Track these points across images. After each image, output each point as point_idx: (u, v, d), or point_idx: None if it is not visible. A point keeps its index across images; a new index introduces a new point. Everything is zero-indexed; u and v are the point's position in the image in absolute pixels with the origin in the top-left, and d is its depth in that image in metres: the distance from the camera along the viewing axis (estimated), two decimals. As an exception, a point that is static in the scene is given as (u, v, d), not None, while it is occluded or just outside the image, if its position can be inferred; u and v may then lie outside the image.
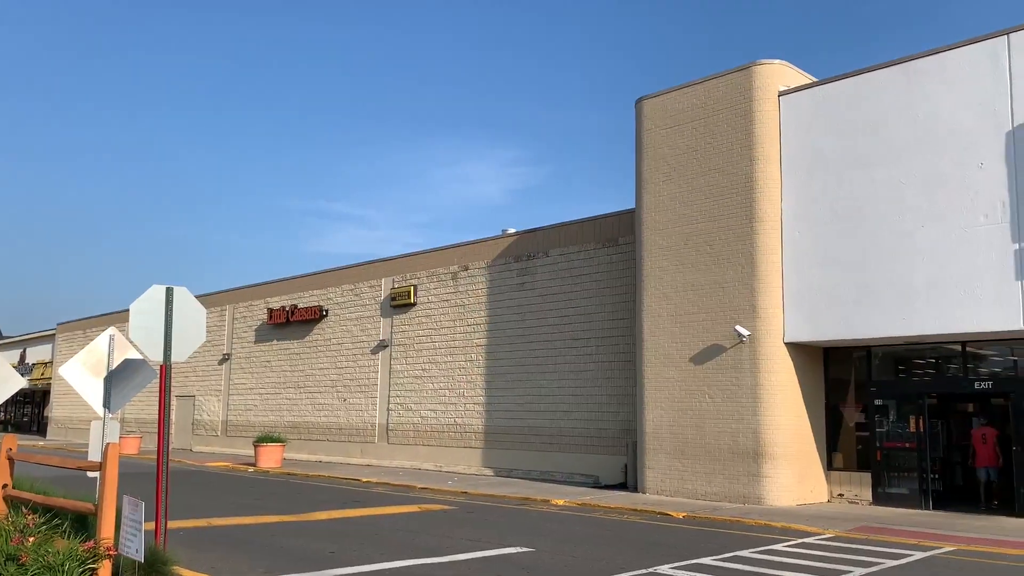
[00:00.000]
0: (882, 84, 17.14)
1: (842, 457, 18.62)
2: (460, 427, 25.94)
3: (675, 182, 19.67)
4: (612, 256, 22.67)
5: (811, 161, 17.99)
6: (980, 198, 15.58)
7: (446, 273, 27.33)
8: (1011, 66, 15.42)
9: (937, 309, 15.90)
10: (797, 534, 13.84)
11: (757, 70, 18.64)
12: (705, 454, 18.42)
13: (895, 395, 18.03)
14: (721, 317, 18.45)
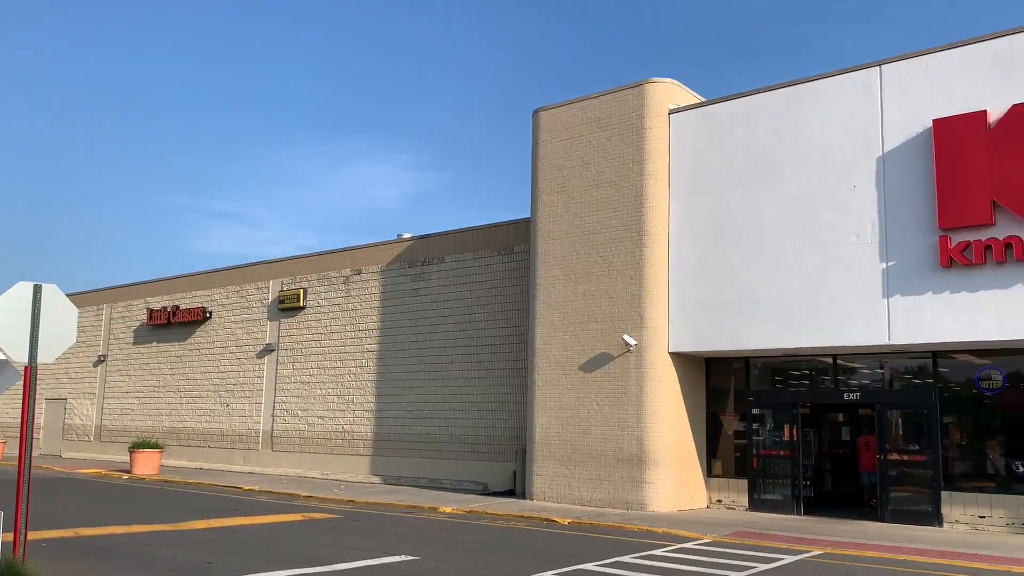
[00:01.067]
0: (765, 107, 17.91)
1: (721, 464, 19.30)
2: (348, 434, 25.52)
3: (569, 193, 19.99)
4: (507, 264, 22.82)
5: (698, 178, 18.61)
6: (853, 219, 16.46)
7: (338, 277, 26.87)
8: (883, 95, 16.39)
9: (812, 323, 16.68)
10: (677, 539, 14.24)
11: (649, 88, 19.17)
12: (592, 461, 18.74)
13: (771, 405, 18.82)
14: (610, 327, 18.83)
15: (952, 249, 15.08)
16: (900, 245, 15.80)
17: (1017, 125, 14.63)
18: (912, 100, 15.99)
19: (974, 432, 16.56)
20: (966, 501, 15.80)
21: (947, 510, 15.91)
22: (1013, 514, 15.28)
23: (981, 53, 15.41)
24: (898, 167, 16.00)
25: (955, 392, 16.63)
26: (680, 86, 19.56)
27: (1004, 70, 15.07)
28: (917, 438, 16.77)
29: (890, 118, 16.23)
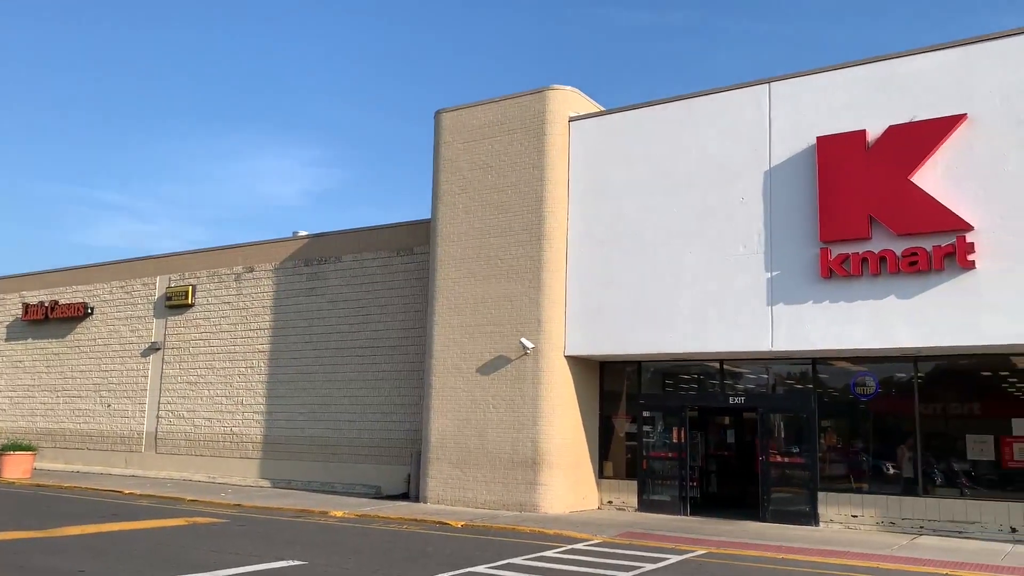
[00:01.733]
0: (661, 118, 18.39)
1: (612, 466, 19.67)
2: (237, 436, 24.77)
3: (470, 196, 20.01)
4: (407, 265, 22.64)
5: (596, 185, 18.94)
6: (741, 229, 17.08)
7: (229, 274, 26.07)
8: (771, 112, 17.08)
9: (701, 329, 17.21)
10: (568, 540, 14.42)
11: (550, 95, 19.40)
12: (487, 463, 18.79)
13: (661, 408, 19.32)
14: (508, 330, 18.94)
15: (832, 261, 15.83)
16: (784, 256, 16.48)
17: (893, 145, 15.50)
18: (798, 117, 16.72)
19: (849, 435, 17.44)
20: (840, 501, 16.60)
21: (823, 510, 16.68)
22: (883, 513, 16.15)
23: (863, 75, 16.25)
24: (784, 181, 16.70)
25: (833, 397, 17.46)
26: (580, 94, 19.88)
27: (883, 92, 15.93)
28: (797, 441, 17.53)
29: (778, 134, 16.93)
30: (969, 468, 15.97)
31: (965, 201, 14.83)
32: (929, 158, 15.15)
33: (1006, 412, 15.70)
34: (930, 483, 16.13)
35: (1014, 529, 14.96)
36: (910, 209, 15.15)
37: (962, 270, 14.68)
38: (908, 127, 15.43)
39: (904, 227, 15.18)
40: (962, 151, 15.01)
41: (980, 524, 15.27)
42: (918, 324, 15.03)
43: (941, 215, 14.86)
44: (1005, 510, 15.14)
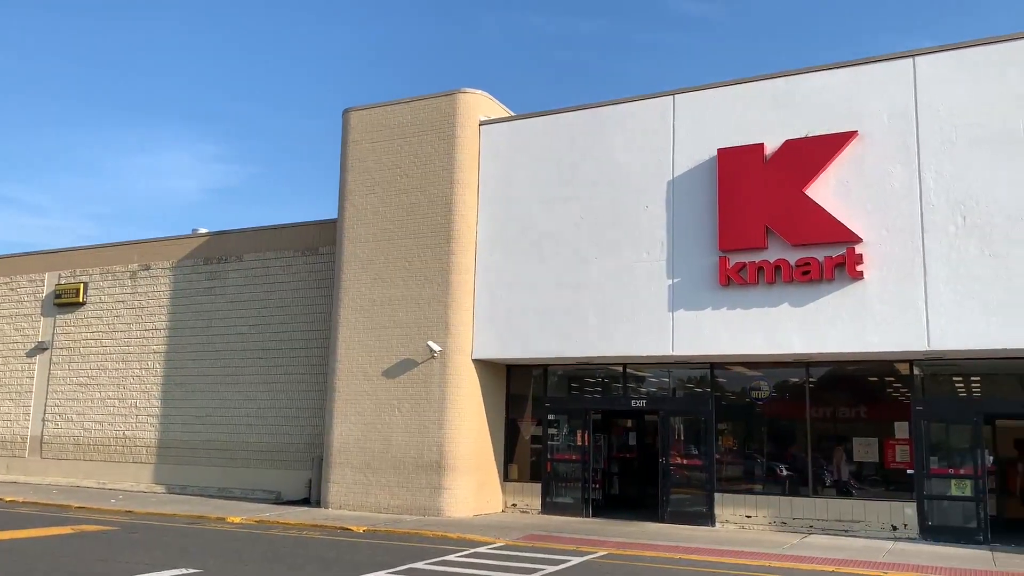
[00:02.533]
0: (571, 125, 18.63)
1: (517, 469, 19.78)
2: (130, 440, 23.80)
3: (378, 196, 19.80)
4: (311, 265, 22.23)
5: (506, 189, 19.04)
6: (645, 237, 17.45)
7: (124, 271, 25.05)
8: (675, 123, 17.53)
9: (605, 334, 17.50)
10: (471, 544, 14.42)
11: (461, 98, 19.41)
12: (391, 467, 18.61)
13: (566, 411, 19.54)
14: (415, 332, 18.82)
15: (730, 269, 16.35)
16: (685, 263, 16.93)
17: (789, 158, 16.12)
18: (701, 129, 17.21)
19: (745, 438, 18.04)
20: (736, 502, 17.14)
21: (719, 510, 17.18)
22: (775, 513, 16.76)
23: (761, 90, 16.86)
24: (687, 191, 17.15)
25: (730, 400, 18.02)
26: (491, 98, 19.95)
27: (780, 107, 16.56)
28: (695, 443, 18.02)
29: (681, 144, 17.38)
30: (856, 469, 16.74)
31: (855, 214, 15.55)
32: (822, 172, 15.82)
33: (890, 416, 16.53)
34: (819, 484, 16.83)
35: (895, 527, 15.75)
36: (804, 221, 15.79)
37: (851, 280, 15.39)
38: (803, 142, 16.08)
39: (798, 238, 15.81)
40: (853, 166, 15.74)
41: (864, 523, 16.01)
42: (810, 331, 15.66)
43: (832, 227, 15.54)
44: (887, 509, 15.93)
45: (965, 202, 14.82)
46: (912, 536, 15.54)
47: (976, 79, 15.10)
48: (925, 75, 15.48)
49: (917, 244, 15.06)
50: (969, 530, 15.22)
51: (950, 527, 15.42)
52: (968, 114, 15.03)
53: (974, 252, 14.63)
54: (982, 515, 15.21)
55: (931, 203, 15.07)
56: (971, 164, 14.87)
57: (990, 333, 14.35)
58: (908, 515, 15.70)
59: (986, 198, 14.68)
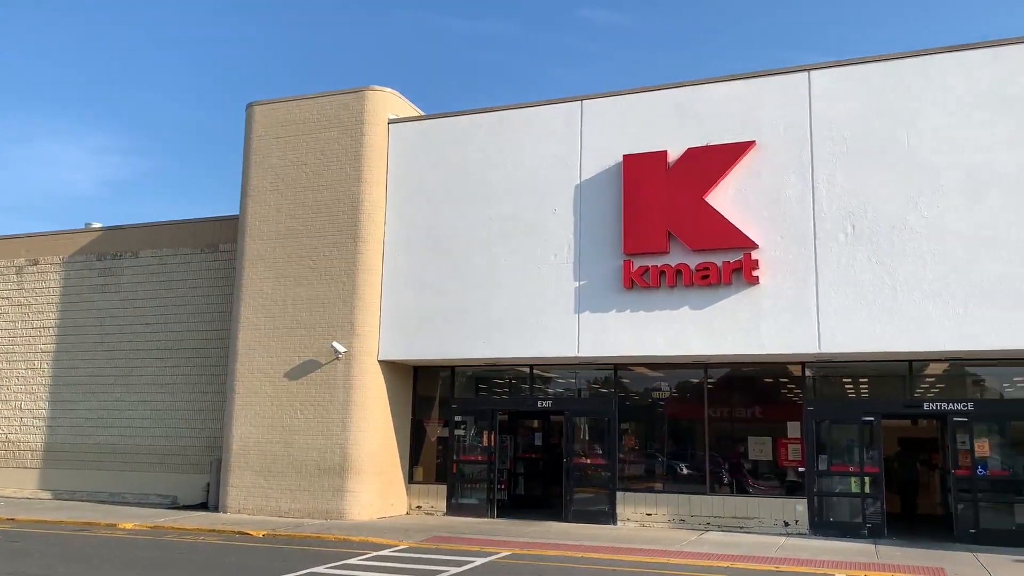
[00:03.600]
0: (480, 127, 18.66)
1: (422, 471, 19.68)
2: (14, 444, 22.60)
3: (283, 193, 19.39)
4: (211, 263, 21.59)
5: (415, 189, 18.92)
6: (552, 239, 17.63)
7: (9, 267, 23.77)
8: (583, 128, 17.77)
9: (514, 335, 17.59)
10: (374, 547, 14.27)
11: (370, 95, 19.19)
12: (292, 471, 18.25)
13: (473, 412, 19.56)
14: (319, 333, 18.50)
15: (634, 273, 16.68)
16: (591, 266, 17.18)
17: (691, 166, 16.56)
18: (607, 135, 17.50)
19: (647, 437, 18.43)
20: (637, 501, 17.50)
21: (621, 509, 17.50)
22: (675, 511, 17.18)
23: (665, 98, 17.26)
24: (593, 195, 17.40)
25: (634, 400, 18.38)
26: (401, 97, 19.79)
27: (683, 116, 16.99)
28: (599, 443, 18.31)
29: (588, 149, 17.63)
30: (751, 467, 17.33)
31: (752, 221, 16.09)
32: (722, 180, 16.31)
33: (783, 416, 17.16)
34: (717, 482, 17.34)
35: (787, 523, 16.37)
36: (704, 227, 16.25)
37: (748, 285, 15.91)
38: (704, 150, 16.55)
39: (698, 243, 16.25)
40: (751, 175, 16.28)
41: (759, 519, 16.59)
42: (708, 333, 16.13)
43: (731, 233, 16.04)
44: (780, 506, 16.54)
45: (854, 211, 15.53)
46: (803, 531, 16.18)
47: (864, 94, 15.84)
48: (819, 89, 16.15)
49: (810, 251, 15.69)
50: (855, 525, 15.95)
51: (838, 522, 16.12)
52: (857, 127, 15.76)
53: (862, 259, 15.35)
54: (867, 511, 15.97)
55: (823, 212, 15.73)
56: (860, 175, 15.59)
57: (876, 337, 15.07)
58: (799, 511, 16.34)
59: (873, 208, 15.42)
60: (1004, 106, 14.93)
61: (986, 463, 15.55)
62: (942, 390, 16.42)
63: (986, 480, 15.48)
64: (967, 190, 14.91)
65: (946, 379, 16.43)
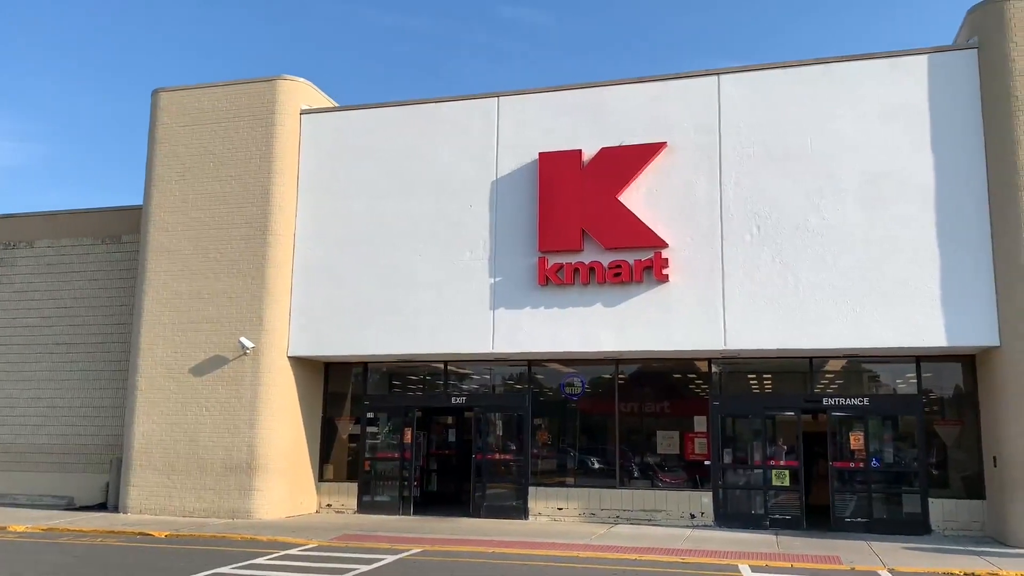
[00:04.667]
0: (396, 121, 18.47)
1: (333, 468, 19.39)
2: None
3: (189, 183, 18.79)
4: (113, 255, 20.76)
5: (328, 182, 18.61)
6: (469, 236, 17.60)
7: None
8: (499, 125, 17.80)
9: (428, 331, 17.49)
10: (282, 546, 14.00)
11: (282, 84, 18.78)
12: (198, 469, 17.73)
13: (386, 409, 19.39)
14: (227, 328, 18.02)
15: (548, 270, 16.82)
16: (507, 263, 17.24)
17: (604, 165, 16.79)
18: (523, 132, 17.57)
19: (560, 432, 18.63)
20: (549, 495, 17.66)
21: (533, 504, 17.64)
22: (585, 505, 17.41)
23: (581, 98, 17.44)
24: (509, 192, 17.46)
25: (547, 396, 18.54)
26: (314, 88, 19.43)
27: (597, 115, 17.21)
28: (512, 439, 18.41)
29: (505, 146, 17.67)
30: (660, 461, 17.71)
31: (663, 221, 16.43)
32: (634, 180, 16.59)
33: (690, 410, 17.60)
34: (627, 476, 17.66)
35: (693, 515, 16.80)
36: (617, 226, 16.50)
37: (658, 283, 16.24)
38: (618, 150, 16.80)
39: (611, 242, 16.50)
40: (662, 175, 16.62)
41: (666, 512, 16.97)
42: (620, 330, 16.40)
43: (642, 233, 16.34)
44: (687, 498, 16.96)
45: (759, 213, 16.04)
46: (708, 523, 16.64)
47: (770, 99, 16.37)
48: (727, 93, 16.60)
49: (717, 250, 16.13)
50: (758, 516, 16.49)
51: (741, 514, 16.64)
52: (763, 131, 16.27)
53: (766, 259, 15.86)
54: (771, 502, 16.53)
55: (730, 213, 16.19)
56: (765, 178, 16.10)
57: (779, 334, 15.61)
58: (705, 503, 16.79)
59: (777, 210, 15.95)
60: (900, 114, 15.65)
61: (880, 455, 16.31)
62: (840, 386, 17.13)
63: (879, 472, 16.23)
64: (865, 194, 15.58)
65: (844, 375, 17.15)
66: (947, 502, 15.80)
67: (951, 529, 15.61)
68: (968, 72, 15.45)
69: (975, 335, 14.79)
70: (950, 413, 16.59)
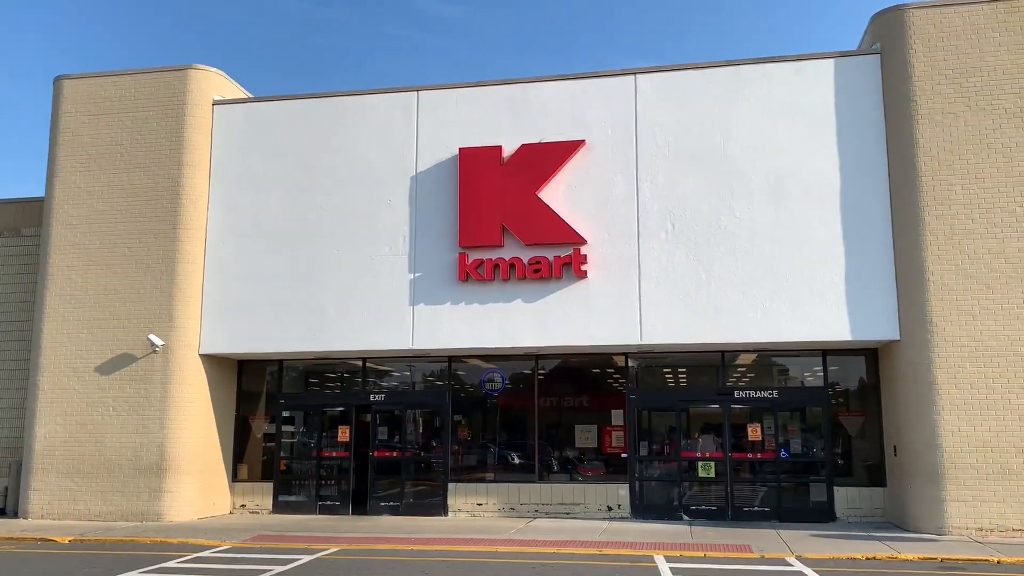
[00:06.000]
0: (312, 113, 18.15)
1: (247, 468, 18.96)
2: None
3: (95, 175, 18.07)
4: (12, 248, 19.79)
5: (242, 175, 18.16)
6: (387, 231, 17.44)
7: None
8: (419, 119, 17.68)
9: (347, 328, 17.26)
10: (193, 548, 13.61)
11: (193, 74, 18.23)
12: (105, 472, 17.10)
13: (302, 407, 19.06)
14: (136, 325, 17.41)
15: (469, 265, 16.80)
16: (427, 259, 17.14)
17: (524, 162, 16.86)
18: (443, 127, 17.50)
19: (480, 428, 18.65)
20: (468, 491, 17.67)
21: (453, 500, 17.62)
22: (505, 500, 17.49)
23: (501, 94, 17.48)
24: (429, 187, 17.37)
25: (468, 392, 18.53)
26: (227, 78, 18.92)
27: (517, 112, 17.26)
28: (433, 436, 18.34)
29: (424, 141, 17.56)
30: (579, 455, 17.92)
31: (582, 217, 16.61)
32: (554, 177, 16.72)
33: (608, 404, 17.87)
34: (546, 470, 17.81)
35: (611, 508, 17.06)
36: (537, 222, 16.60)
37: (577, 279, 16.42)
38: (538, 147, 16.89)
39: (531, 238, 16.59)
40: (581, 173, 16.80)
41: (584, 505, 17.19)
42: (540, 326, 16.51)
43: (561, 229, 16.48)
44: (604, 491, 17.21)
45: (675, 211, 16.37)
46: (625, 515, 16.93)
47: (684, 100, 16.72)
48: (644, 92, 16.88)
49: (634, 247, 16.40)
50: (674, 507, 16.86)
51: (657, 505, 16.99)
52: (678, 130, 16.61)
53: (681, 256, 16.21)
54: (687, 494, 16.91)
55: (647, 210, 16.48)
56: (679, 176, 16.45)
57: (692, 329, 15.98)
58: (622, 496, 17.07)
59: (691, 208, 16.32)
60: (807, 116, 16.19)
61: (788, 446, 16.87)
62: (752, 379, 17.65)
63: (788, 462, 16.79)
64: (773, 193, 16.07)
65: (755, 369, 17.68)
66: (851, 490, 16.47)
67: (855, 516, 16.27)
68: (871, 77, 16.10)
69: (877, 329, 15.44)
70: (854, 404, 17.28)
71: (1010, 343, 14.37)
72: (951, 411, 14.39)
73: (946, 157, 14.99)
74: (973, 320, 14.53)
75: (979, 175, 14.86)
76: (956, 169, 14.93)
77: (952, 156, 14.98)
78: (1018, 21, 15.24)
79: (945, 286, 14.66)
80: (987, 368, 14.39)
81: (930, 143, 15.08)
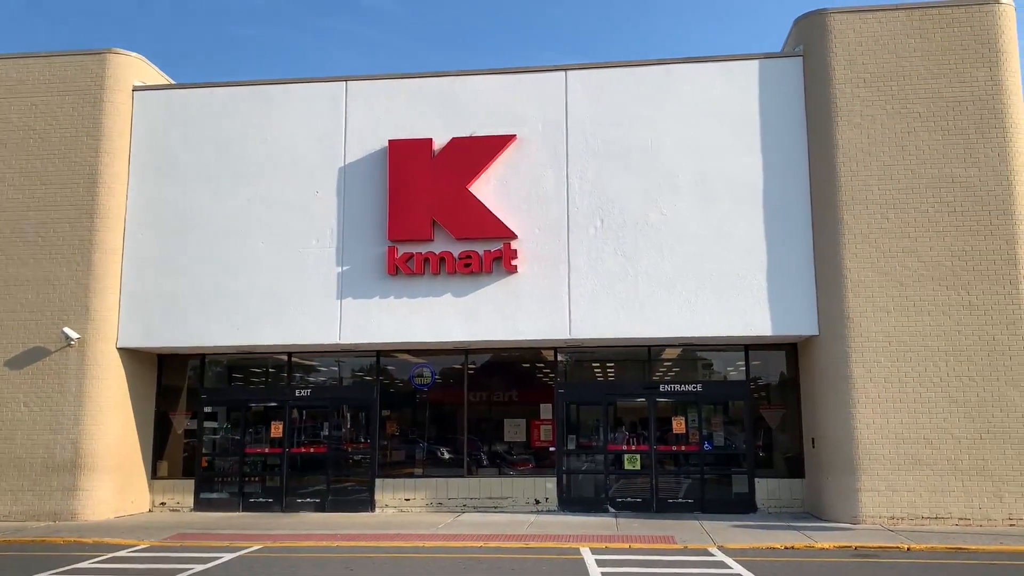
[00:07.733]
0: (237, 102, 17.71)
1: (167, 465, 18.44)
2: None
3: (5, 160, 17.30)
4: (-87, 237, 18.76)
5: (163, 164, 17.62)
6: (315, 223, 17.14)
7: None
8: (347, 109, 17.43)
9: (270, 322, 16.92)
10: (109, 548, 13.17)
11: (112, 58, 17.59)
12: (14, 470, 16.41)
13: (225, 402, 18.62)
14: (48, 318, 16.75)
15: (398, 259, 16.65)
16: (355, 252, 16.92)
17: (455, 155, 16.78)
18: (373, 118, 17.29)
19: (409, 423, 18.52)
20: (396, 487, 17.54)
21: (380, 496, 17.46)
22: (433, 495, 17.41)
23: (432, 86, 17.35)
24: (358, 179, 17.14)
25: (397, 387, 18.38)
26: (148, 64, 18.32)
27: (448, 105, 17.17)
28: (361, 431, 18.14)
29: (353, 132, 17.32)
30: (507, 449, 17.96)
31: (512, 212, 16.62)
32: (485, 171, 16.69)
33: (537, 399, 17.95)
34: (475, 464, 17.79)
35: (538, 501, 17.16)
36: (467, 216, 16.55)
37: (507, 273, 16.43)
38: (468, 141, 16.83)
39: (461, 232, 16.53)
40: (512, 168, 16.80)
41: (512, 499, 17.24)
42: (470, 320, 16.48)
43: (492, 223, 16.47)
44: (532, 485, 17.29)
45: (603, 207, 16.52)
46: (552, 508, 17.04)
47: (613, 97, 16.87)
48: (574, 89, 16.97)
49: (563, 242, 16.49)
50: (600, 500, 17.04)
51: (584, 498, 17.15)
52: (607, 128, 16.76)
53: (609, 252, 16.37)
54: (613, 486, 17.12)
55: (576, 206, 16.59)
56: (608, 173, 16.60)
57: (620, 323, 16.17)
58: (549, 489, 17.18)
59: (620, 205, 16.49)
60: (731, 116, 16.53)
61: (711, 439, 17.23)
62: (677, 373, 17.96)
63: (711, 454, 17.15)
64: (699, 192, 16.36)
65: (680, 363, 18.00)
66: (771, 481, 16.91)
67: (775, 506, 16.72)
68: (794, 79, 16.52)
69: (797, 325, 15.88)
70: (775, 398, 17.74)
71: (922, 339, 14.94)
72: (866, 404, 14.90)
73: (864, 158, 15.50)
74: (887, 316, 15.06)
75: (894, 176, 15.41)
76: (873, 170, 15.45)
77: (869, 157, 15.49)
78: (932, 28, 15.84)
79: (861, 283, 15.16)
80: (900, 363, 14.94)
81: (849, 144, 15.56)
